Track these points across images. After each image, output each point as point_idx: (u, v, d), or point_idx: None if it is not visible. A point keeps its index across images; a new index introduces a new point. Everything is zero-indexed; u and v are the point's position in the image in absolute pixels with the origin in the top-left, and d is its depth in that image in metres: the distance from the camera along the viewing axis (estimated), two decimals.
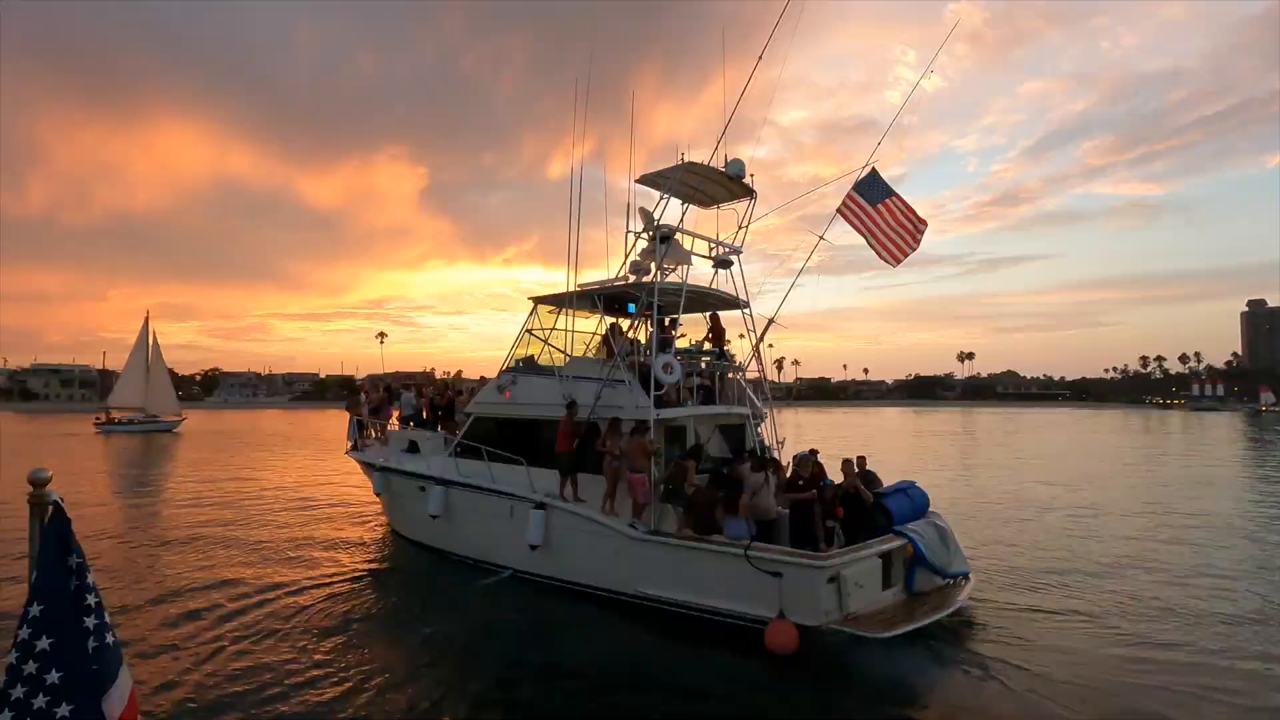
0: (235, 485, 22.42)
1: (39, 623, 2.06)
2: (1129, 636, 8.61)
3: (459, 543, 11.94)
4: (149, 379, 57.08)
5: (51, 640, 2.05)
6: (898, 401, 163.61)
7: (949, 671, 7.51)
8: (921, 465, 29.47)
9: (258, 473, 26.36)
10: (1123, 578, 11.23)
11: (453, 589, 10.57)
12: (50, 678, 2.04)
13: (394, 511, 14.18)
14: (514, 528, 10.58)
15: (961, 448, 41.16)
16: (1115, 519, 16.60)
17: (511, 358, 12.08)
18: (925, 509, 9.99)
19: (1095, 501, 19.28)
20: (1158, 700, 6.77)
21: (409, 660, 7.86)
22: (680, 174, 10.90)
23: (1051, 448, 40.29)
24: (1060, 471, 27.29)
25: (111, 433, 52.21)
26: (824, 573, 7.92)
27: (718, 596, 8.54)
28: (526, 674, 7.51)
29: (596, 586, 9.80)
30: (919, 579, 9.08)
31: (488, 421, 11.81)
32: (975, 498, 19.96)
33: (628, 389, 10.25)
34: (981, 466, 29.81)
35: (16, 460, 31.99)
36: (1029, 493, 21.10)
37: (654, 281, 10.78)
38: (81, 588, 2.17)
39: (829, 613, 7.87)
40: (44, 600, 2.08)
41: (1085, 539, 14.22)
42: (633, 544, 9.35)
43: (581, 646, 8.39)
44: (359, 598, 10.11)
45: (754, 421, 11.82)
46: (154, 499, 20.04)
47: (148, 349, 58.00)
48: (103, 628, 2.19)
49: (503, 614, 9.51)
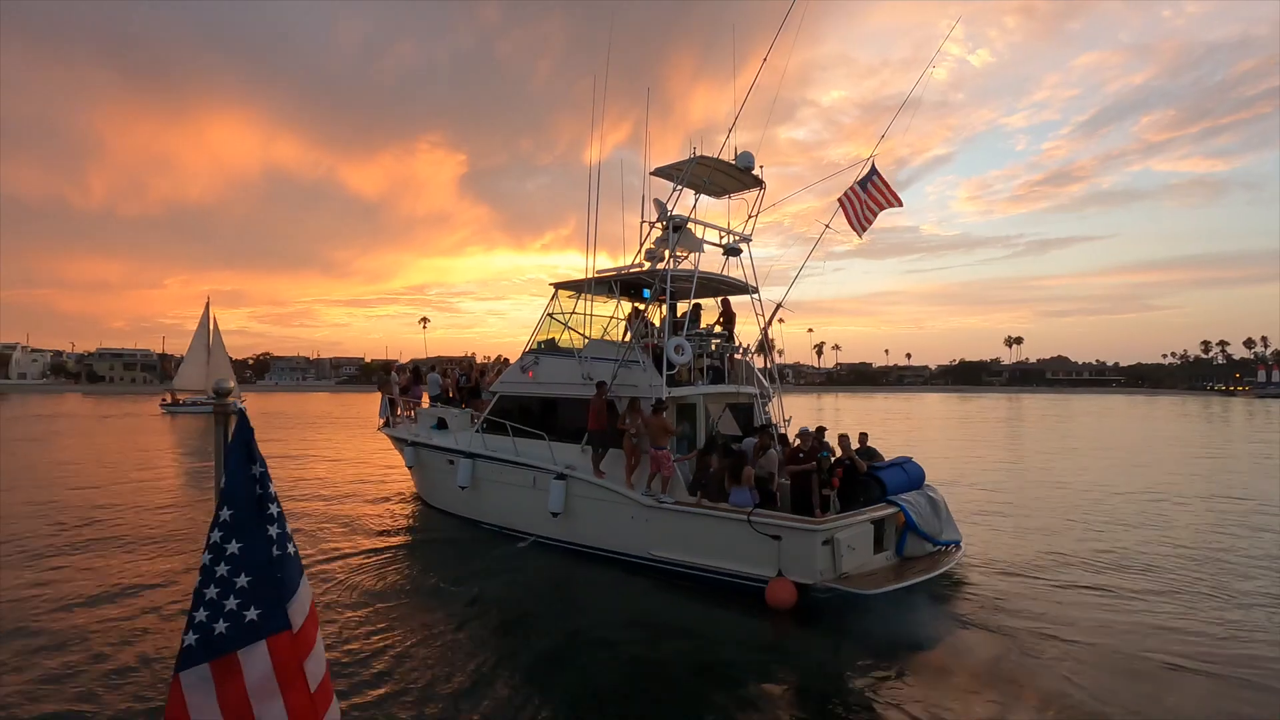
0: (287, 460, 24.00)
1: (229, 527, 2.10)
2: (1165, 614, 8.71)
3: (485, 512, 12.84)
4: (210, 361, 59.04)
5: (240, 545, 2.09)
6: (941, 387, 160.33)
7: (934, 629, 8.11)
8: (963, 452, 29.25)
9: (306, 449, 28.03)
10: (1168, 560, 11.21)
11: (482, 555, 11.33)
12: (240, 581, 2.07)
13: (424, 483, 15.17)
14: (536, 497, 11.42)
15: (1009, 433, 40.24)
16: (1182, 506, 16.00)
17: (534, 340, 12.92)
18: (920, 482, 10.55)
19: (1155, 486, 18.92)
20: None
21: (447, 619, 8.41)
22: (692, 166, 11.51)
23: (1110, 434, 38.94)
24: (1120, 458, 26.63)
25: (176, 413, 54.81)
26: (819, 536, 8.63)
27: (722, 558, 9.29)
28: (550, 630, 8.14)
29: (612, 550, 10.59)
30: (910, 544, 9.70)
31: (512, 399, 12.66)
32: (1022, 484, 19.65)
33: (642, 369, 11.00)
34: (1031, 452, 29.26)
35: (97, 439, 34.50)
36: (1079, 478, 20.78)
37: (667, 268, 11.50)
38: (264, 496, 2.20)
39: (823, 572, 8.57)
40: (233, 505, 2.12)
41: (1144, 527, 13.77)
42: (645, 511, 10.11)
43: (599, 605, 9.13)
44: (396, 564, 10.93)
45: (762, 401, 12.44)
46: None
47: (209, 332, 59.93)
48: (284, 537, 2.21)
49: (528, 577, 10.25)
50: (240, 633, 2.04)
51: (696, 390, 11.48)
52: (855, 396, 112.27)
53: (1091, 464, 24.64)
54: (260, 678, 2.06)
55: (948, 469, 21.30)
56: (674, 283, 11.52)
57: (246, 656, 2.04)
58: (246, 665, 2.04)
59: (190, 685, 1.99)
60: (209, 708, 1.99)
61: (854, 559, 8.92)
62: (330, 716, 2.24)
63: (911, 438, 35.70)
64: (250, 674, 2.04)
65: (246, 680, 2.04)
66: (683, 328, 11.69)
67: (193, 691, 1.98)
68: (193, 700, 1.98)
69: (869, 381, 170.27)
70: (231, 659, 2.02)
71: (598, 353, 11.72)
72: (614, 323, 12.64)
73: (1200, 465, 24.51)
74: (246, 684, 2.04)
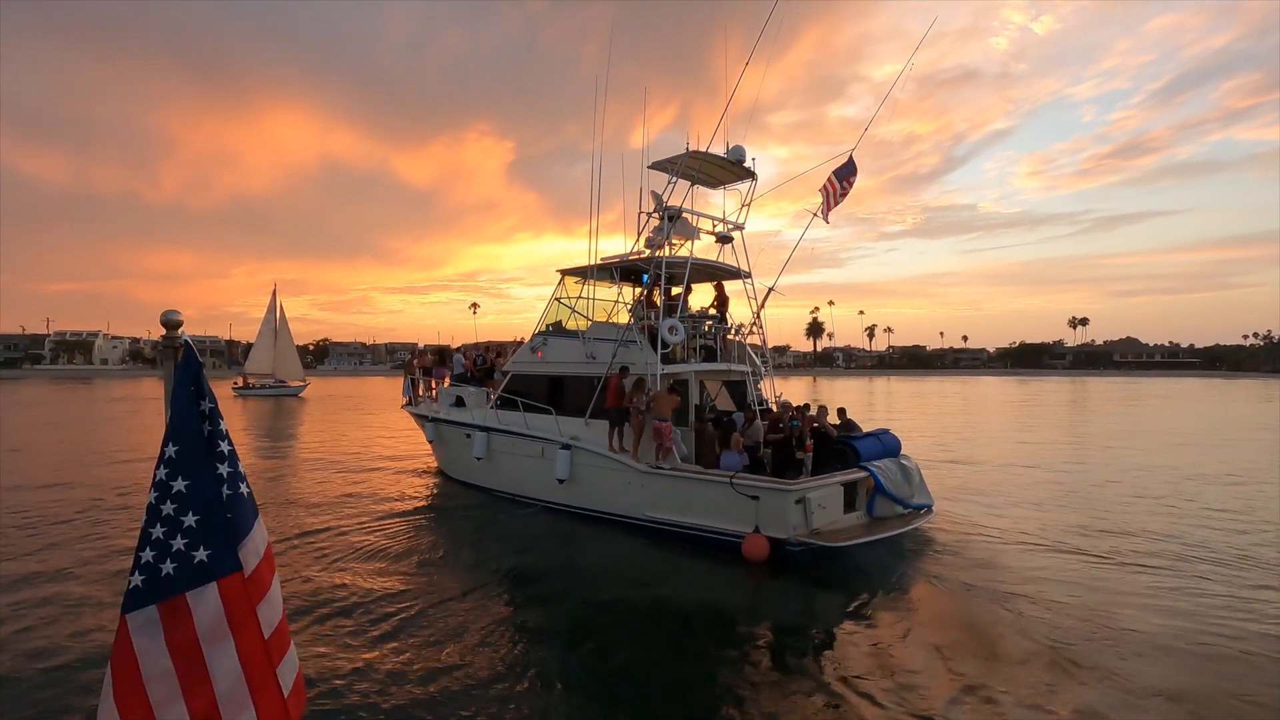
0: (333, 438, 26.02)
1: (174, 463, 2.01)
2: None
3: (499, 480, 14.04)
4: (276, 346, 61.67)
5: (187, 483, 2.01)
6: (999, 370, 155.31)
7: (898, 582, 8.96)
8: (1015, 437, 28.55)
9: (356, 429, 30.12)
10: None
11: (497, 518, 12.47)
12: (187, 520, 1.98)
13: (444, 456, 16.45)
14: (545, 466, 12.56)
15: (1066, 418, 37.34)
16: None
17: (543, 322, 14.04)
18: (896, 450, 11.31)
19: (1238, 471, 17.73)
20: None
21: (463, 574, 9.31)
22: (686, 160, 12.35)
23: (1192, 420, 35.31)
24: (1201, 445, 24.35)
25: (248, 396, 57.60)
26: (792, 495, 9.55)
27: (707, 517, 10.29)
28: (555, 582, 9.15)
29: (612, 513, 11.66)
30: (879, 506, 10.49)
31: (523, 378, 13.78)
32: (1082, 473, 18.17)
33: (640, 349, 11.99)
34: (1095, 437, 27.35)
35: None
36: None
37: (662, 256, 12.43)
38: (214, 433, 2.10)
39: (795, 528, 9.50)
40: (178, 441, 2.02)
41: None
42: (642, 477, 11.14)
43: (599, 561, 10.17)
44: (418, 529, 11.82)
45: (754, 378, 13.25)
46: (290, 445, 23.88)
47: (275, 319, 62.18)
48: (236, 476, 2.12)
49: (538, 537, 11.33)
50: (189, 574, 1.97)
51: (689, 368, 12.39)
52: (907, 380, 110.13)
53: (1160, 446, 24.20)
54: (210, 621, 1.99)
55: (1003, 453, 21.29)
56: (669, 269, 12.44)
57: (196, 599, 1.97)
58: (196, 608, 1.97)
59: (137, 628, 1.92)
60: (156, 650, 1.92)
61: (824, 517, 9.82)
62: (286, 663, 2.18)
63: (955, 422, 35.43)
64: (200, 617, 1.98)
65: (196, 623, 1.97)
66: (677, 310, 12.60)
67: (139, 634, 1.91)
68: (139, 643, 1.91)
69: (922, 365, 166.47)
70: (180, 601, 1.96)
71: (600, 334, 12.72)
72: (617, 306, 13.62)
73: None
74: (196, 627, 1.97)
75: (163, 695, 1.90)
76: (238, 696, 1.99)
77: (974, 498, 14.12)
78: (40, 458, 20.26)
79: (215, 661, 1.97)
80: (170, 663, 1.91)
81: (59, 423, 33.27)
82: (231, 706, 1.97)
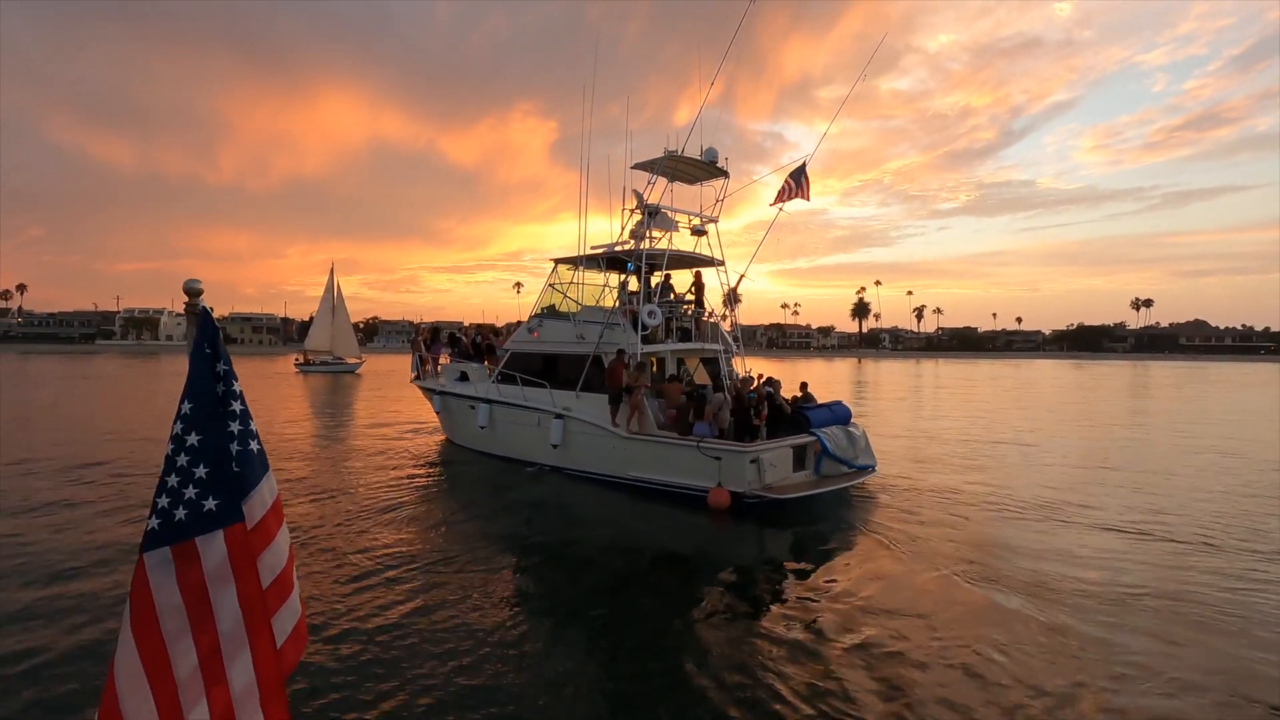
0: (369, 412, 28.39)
1: (189, 419, 2.16)
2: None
3: (500, 446, 15.77)
4: (334, 324, 63.97)
5: (199, 438, 2.16)
6: (1054, 353, 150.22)
7: (835, 530, 10.43)
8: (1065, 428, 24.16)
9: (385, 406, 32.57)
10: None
11: (499, 479, 14.00)
12: (199, 471, 2.14)
13: (449, 425, 18.18)
14: (540, 433, 14.27)
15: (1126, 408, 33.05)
16: None
17: (538, 306, 15.71)
18: (846, 419, 12.80)
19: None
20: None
21: (471, 527, 10.49)
22: (665, 161, 13.76)
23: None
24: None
25: (308, 372, 59.75)
26: (747, 456, 11.15)
27: (679, 474, 11.92)
28: (550, 531, 10.43)
29: (599, 473, 13.31)
30: (825, 466, 12.01)
31: (521, 355, 15.48)
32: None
33: (623, 330, 13.54)
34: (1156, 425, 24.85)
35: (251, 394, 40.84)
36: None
37: (643, 248, 13.92)
38: (227, 393, 2.25)
39: (751, 483, 11.10)
40: (193, 400, 2.18)
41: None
42: (623, 441, 12.76)
43: (588, 512, 11.61)
44: (430, 488, 13.10)
45: (726, 356, 14.67)
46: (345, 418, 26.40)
47: (333, 296, 64.16)
48: (246, 434, 2.27)
49: (536, 494, 12.89)
50: (199, 521, 2.13)
51: (666, 347, 13.89)
52: (956, 362, 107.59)
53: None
54: (216, 565, 2.15)
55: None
56: (650, 259, 13.91)
57: (205, 544, 2.14)
58: (204, 552, 2.13)
59: (153, 566, 2.07)
60: (169, 587, 2.08)
61: (775, 474, 11.43)
62: (287, 608, 2.35)
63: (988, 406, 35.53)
64: (208, 561, 2.14)
65: (204, 566, 2.13)
66: (656, 296, 14.06)
67: (155, 572, 2.07)
68: (155, 579, 2.07)
69: (972, 347, 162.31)
70: (190, 545, 2.12)
71: (589, 317, 14.32)
72: (605, 291, 15.17)
73: None
74: (204, 569, 2.13)
75: (174, 628, 2.09)
76: (237, 636, 2.19)
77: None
78: (123, 417, 23.10)
79: (219, 603, 2.16)
80: (180, 600, 2.09)
81: (125, 395, 36.89)
82: (232, 644, 2.17)
